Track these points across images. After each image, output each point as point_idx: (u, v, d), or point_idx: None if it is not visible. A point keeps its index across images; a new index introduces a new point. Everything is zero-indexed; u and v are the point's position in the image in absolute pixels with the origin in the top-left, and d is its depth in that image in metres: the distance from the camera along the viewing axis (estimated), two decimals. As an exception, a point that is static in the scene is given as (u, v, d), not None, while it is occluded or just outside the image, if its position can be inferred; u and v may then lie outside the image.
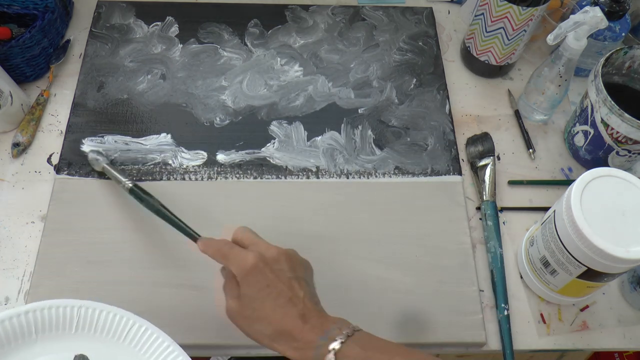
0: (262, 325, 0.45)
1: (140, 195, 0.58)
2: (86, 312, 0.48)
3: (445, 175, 0.68)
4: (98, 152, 0.65)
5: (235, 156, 0.67)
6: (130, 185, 0.59)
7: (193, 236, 0.52)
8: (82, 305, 0.48)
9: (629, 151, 0.63)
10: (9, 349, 0.46)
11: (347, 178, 0.67)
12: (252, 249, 0.47)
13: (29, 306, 0.47)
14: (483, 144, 0.69)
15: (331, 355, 0.41)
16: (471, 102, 0.75)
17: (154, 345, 0.48)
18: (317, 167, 0.67)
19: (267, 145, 0.69)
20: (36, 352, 0.47)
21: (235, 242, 0.49)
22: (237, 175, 0.66)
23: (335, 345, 0.42)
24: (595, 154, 0.67)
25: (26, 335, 0.47)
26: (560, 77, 0.67)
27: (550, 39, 0.61)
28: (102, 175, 0.65)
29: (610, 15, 0.68)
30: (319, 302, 0.47)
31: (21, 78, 0.71)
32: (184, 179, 0.65)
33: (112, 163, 0.66)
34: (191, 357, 0.48)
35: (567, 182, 0.67)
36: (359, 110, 0.72)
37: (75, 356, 0.47)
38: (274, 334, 0.44)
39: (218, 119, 0.70)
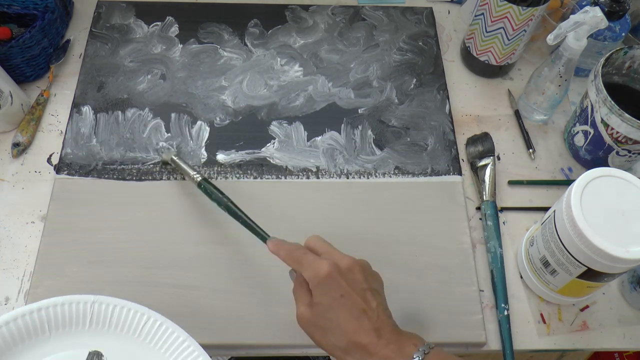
0: (335, 337, 0.44)
1: (209, 189, 0.58)
2: (100, 307, 0.48)
3: (445, 175, 0.68)
4: (169, 143, 0.67)
5: (235, 156, 0.67)
6: (200, 179, 0.59)
7: (262, 235, 0.52)
8: (95, 301, 0.48)
9: (629, 151, 0.63)
10: (22, 347, 0.46)
11: (347, 178, 0.67)
12: (325, 257, 0.46)
13: (41, 303, 0.46)
14: (483, 144, 0.69)
15: None
16: (471, 102, 0.75)
17: (169, 340, 0.48)
18: (317, 167, 0.67)
19: (267, 145, 0.69)
20: (50, 349, 0.47)
21: (308, 249, 0.48)
22: (237, 175, 0.66)
23: None
24: (595, 154, 0.67)
25: (39, 332, 0.46)
26: (560, 77, 0.67)
27: (550, 39, 0.61)
28: (101, 175, 0.65)
29: (610, 15, 0.68)
30: (391, 315, 0.46)
31: (21, 78, 0.71)
32: (184, 178, 0.65)
33: (112, 162, 0.66)
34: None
35: (567, 182, 0.67)
36: (359, 110, 0.72)
37: (90, 352, 0.47)
38: (347, 346, 0.43)
39: (218, 119, 0.70)
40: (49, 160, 0.67)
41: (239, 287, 0.59)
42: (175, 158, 0.64)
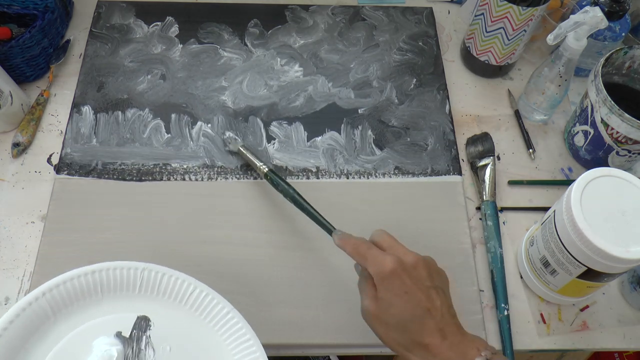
0: (398, 334, 0.44)
1: (275, 180, 0.59)
2: (149, 274, 0.50)
3: (445, 175, 0.68)
4: (236, 133, 0.67)
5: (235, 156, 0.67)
6: (266, 169, 0.60)
7: (328, 228, 0.52)
8: (145, 268, 0.50)
9: (629, 151, 0.63)
10: (77, 306, 0.48)
11: (347, 178, 0.67)
12: (390, 253, 0.46)
13: (95, 266, 0.49)
14: (483, 144, 0.69)
15: None
16: (471, 102, 0.75)
17: (214, 310, 0.50)
18: (317, 168, 0.67)
19: (267, 145, 0.69)
20: (102, 310, 0.49)
21: (373, 244, 0.48)
22: (237, 176, 0.66)
23: None
24: (595, 154, 0.67)
25: (93, 293, 0.49)
26: (560, 77, 0.67)
27: (550, 39, 0.61)
28: (101, 175, 0.65)
29: (610, 15, 0.68)
30: (456, 315, 0.46)
31: (21, 78, 0.71)
32: (184, 179, 0.65)
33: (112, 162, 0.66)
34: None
35: (567, 182, 0.67)
36: (359, 111, 0.72)
37: (138, 317, 0.49)
38: (410, 344, 0.43)
39: (218, 119, 0.70)
40: (49, 160, 0.67)
41: (239, 287, 0.59)
42: (242, 149, 0.65)
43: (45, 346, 0.46)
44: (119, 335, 0.48)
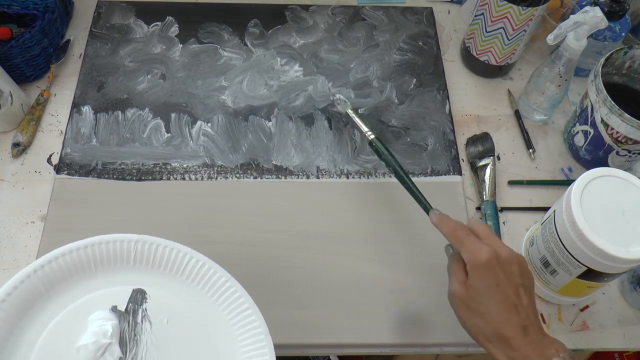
0: (482, 322, 0.45)
1: (380, 149, 0.59)
2: (143, 246, 0.49)
3: (445, 175, 0.68)
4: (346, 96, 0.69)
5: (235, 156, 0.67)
6: (372, 137, 0.61)
7: (425, 206, 0.53)
8: (139, 240, 0.49)
9: (629, 151, 0.63)
10: (71, 281, 0.47)
11: (347, 178, 0.67)
12: (487, 243, 0.46)
13: (87, 241, 0.48)
14: (483, 144, 0.69)
15: None
16: (471, 102, 0.75)
17: (211, 279, 0.49)
18: (317, 167, 0.67)
19: (267, 145, 0.69)
20: (97, 284, 0.48)
21: (470, 230, 0.49)
22: (237, 175, 0.66)
23: None
24: (595, 154, 0.67)
25: (86, 268, 0.48)
26: (560, 77, 0.67)
27: (550, 39, 0.61)
28: (101, 175, 0.65)
29: (610, 15, 0.68)
30: (539, 316, 0.47)
31: (21, 78, 0.71)
32: (184, 178, 0.65)
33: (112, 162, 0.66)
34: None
35: (567, 182, 0.67)
36: (359, 110, 0.72)
37: (134, 290, 0.48)
38: (491, 335, 0.44)
39: (218, 118, 0.70)
40: (49, 160, 0.67)
41: (239, 287, 0.59)
42: (350, 112, 0.65)
43: (40, 323, 0.45)
44: (114, 309, 0.47)
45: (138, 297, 0.48)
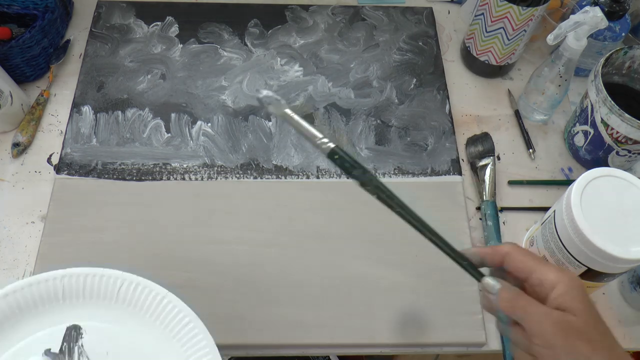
0: None
1: (347, 163, 0.47)
2: (70, 280, 0.47)
3: (445, 175, 0.68)
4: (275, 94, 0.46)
5: (235, 156, 0.67)
6: (332, 145, 0.46)
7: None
8: (65, 275, 0.47)
9: (629, 151, 0.63)
10: (3, 329, 0.45)
11: (347, 178, 0.67)
12: (553, 305, 0.37)
13: (6, 289, 0.45)
14: (483, 144, 0.69)
15: None
16: (471, 102, 0.75)
17: (148, 299, 0.47)
18: (317, 167, 0.67)
19: (267, 145, 0.69)
20: (26, 331, 0.46)
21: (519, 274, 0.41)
22: (237, 175, 0.66)
23: None
24: (595, 154, 0.67)
25: (10, 316, 0.46)
26: (560, 77, 0.67)
27: (550, 39, 0.61)
28: (101, 175, 0.65)
29: (610, 15, 0.68)
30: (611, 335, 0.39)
31: (21, 78, 0.71)
32: (184, 178, 0.65)
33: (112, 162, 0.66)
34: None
35: (567, 182, 0.67)
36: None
37: (67, 328, 0.46)
38: None
39: (218, 118, 0.70)
40: (49, 160, 0.67)
41: (239, 287, 0.59)
42: (289, 113, 0.45)
43: None
44: (47, 352, 0.45)
45: (72, 334, 0.46)
